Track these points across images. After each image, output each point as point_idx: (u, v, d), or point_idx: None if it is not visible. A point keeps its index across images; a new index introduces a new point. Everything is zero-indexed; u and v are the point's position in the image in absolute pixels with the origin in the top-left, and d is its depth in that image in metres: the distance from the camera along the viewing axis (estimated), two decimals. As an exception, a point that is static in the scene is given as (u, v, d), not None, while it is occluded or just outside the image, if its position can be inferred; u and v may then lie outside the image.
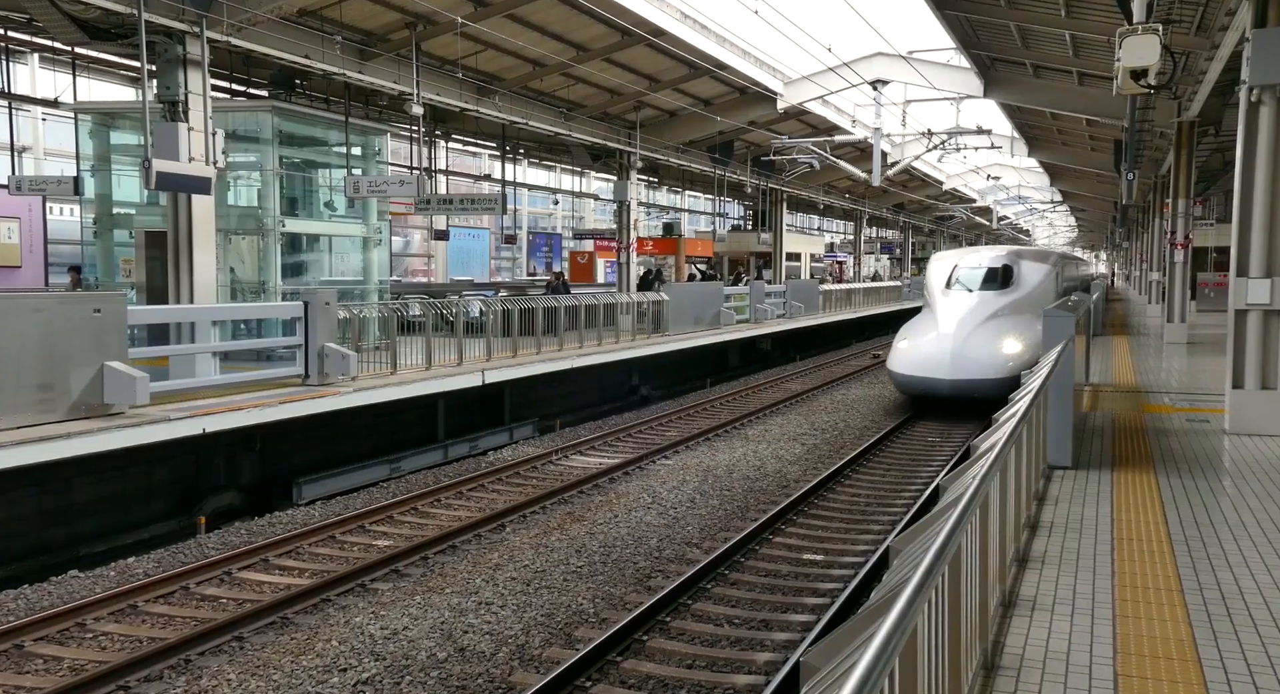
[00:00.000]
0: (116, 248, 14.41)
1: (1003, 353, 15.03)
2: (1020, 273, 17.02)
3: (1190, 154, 18.73)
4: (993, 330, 15.57)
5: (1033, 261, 17.80)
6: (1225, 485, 7.06)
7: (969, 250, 19.31)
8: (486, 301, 15.20)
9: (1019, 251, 18.50)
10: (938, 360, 15.23)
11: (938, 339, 15.66)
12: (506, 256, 36.00)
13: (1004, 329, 15.63)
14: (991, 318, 15.92)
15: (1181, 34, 14.05)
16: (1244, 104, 9.04)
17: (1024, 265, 17.27)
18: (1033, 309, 15.73)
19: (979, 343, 15.24)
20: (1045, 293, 16.98)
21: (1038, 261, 18.02)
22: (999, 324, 15.76)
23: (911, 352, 15.98)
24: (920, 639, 2.45)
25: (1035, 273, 17.27)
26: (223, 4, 12.20)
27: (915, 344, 16.12)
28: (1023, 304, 16.32)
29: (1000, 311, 16.12)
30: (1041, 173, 42.20)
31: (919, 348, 15.89)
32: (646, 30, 18.10)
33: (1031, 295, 16.65)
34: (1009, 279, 16.89)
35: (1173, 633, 4.22)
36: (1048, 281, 17.40)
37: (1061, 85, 21.42)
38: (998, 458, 3.87)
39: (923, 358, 15.57)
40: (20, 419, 8.36)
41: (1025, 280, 16.95)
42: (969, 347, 15.19)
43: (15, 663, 6.62)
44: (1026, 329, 15.26)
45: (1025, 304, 16.30)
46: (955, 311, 16.31)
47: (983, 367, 14.82)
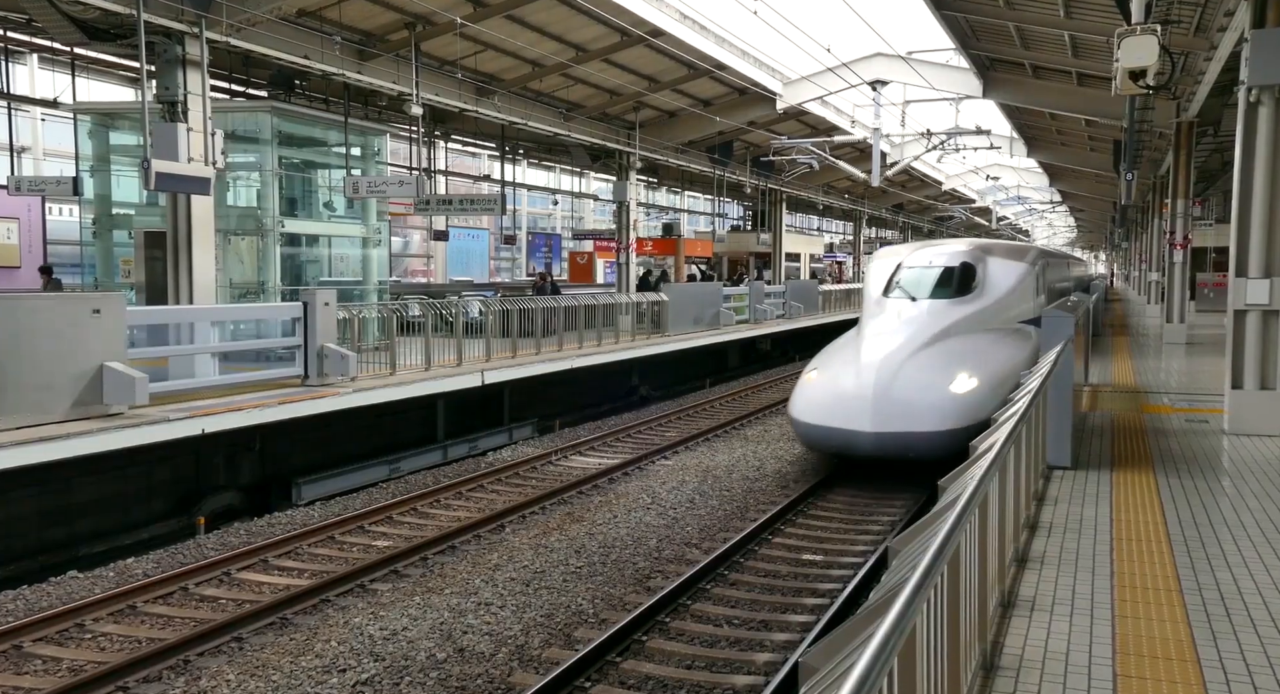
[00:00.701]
0: (116, 248, 14.41)
1: (952, 392, 10.52)
2: (986, 274, 12.75)
3: (1189, 154, 18.73)
4: (941, 357, 11.12)
5: (1005, 259, 13.40)
6: (1224, 486, 7.06)
7: (922, 244, 14.44)
8: (486, 302, 15.20)
9: (987, 246, 13.89)
10: (855, 404, 10.49)
11: (858, 372, 10.91)
12: (506, 257, 36.02)
13: (958, 355, 11.19)
14: (941, 338, 11.54)
15: (1180, 34, 14.05)
16: (1243, 104, 9.04)
17: (992, 264, 12.95)
18: (1004, 323, 12.47)
19: (919, 377, 10.73)
20: (1021, 301, 13.18)
21: (1011, 259, 13.58)
22: (951, 348, 11.38)
23: (820, 390, 11.12)
24: (919, 639, 2.45)
25: (1007, 274, 13.02)
26: (222, 4, 12.20)
27: (828, 379, 11.29)
28: (989, 316, 12.33)
29: (955, 328, 11.78)
30: (1041, 173, 42.22)
31: (832, 384, 11.09)
32: (645, 31, 18.10)
33: (1001, 305, 12.66)
34: (969, 282, 12.55)
35: (1172, 633, 4.22)
36: (1024, 286, 13.33)
37: (1061, 86, 21.42)
38: (997, 458, 3.87)
39: (834, 400, 10.77)
40: (20, 419, 8.35)
41: (993, 284, 12.70)
42: (903, 383, 10.62)
43: (14, 664, 6.62)
44: (993, 353, 11.51)
45: (993, 316, 12.39)
46: (889, 330, 11.75)
47: (922, 413, 10.30)
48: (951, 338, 11.60)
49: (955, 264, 12.75)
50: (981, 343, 11.69)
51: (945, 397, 10.47)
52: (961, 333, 11.75)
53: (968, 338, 11.71)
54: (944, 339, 11.52)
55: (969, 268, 12.74)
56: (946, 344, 11.45)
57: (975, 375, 10.78)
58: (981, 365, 11.04)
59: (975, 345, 11.56)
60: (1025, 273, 13.48)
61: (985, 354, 11.41)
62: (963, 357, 11.16)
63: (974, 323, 12.09)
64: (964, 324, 11.94)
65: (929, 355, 11.15)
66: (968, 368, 10.91)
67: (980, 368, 10.96)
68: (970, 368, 10.92)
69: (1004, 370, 10.93)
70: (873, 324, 12.18)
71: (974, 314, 12.21)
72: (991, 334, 12.07)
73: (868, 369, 10.87)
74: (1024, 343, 12.13)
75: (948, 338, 11.57)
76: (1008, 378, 10.44)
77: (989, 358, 11.34)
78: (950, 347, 11.40)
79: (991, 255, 13.23)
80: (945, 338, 11.55)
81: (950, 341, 11.52)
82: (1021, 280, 13.27)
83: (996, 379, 10.75)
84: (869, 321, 12.37)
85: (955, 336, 11.64)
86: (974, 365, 10.99)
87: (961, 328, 11.84)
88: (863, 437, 10.35)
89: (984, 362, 11.17)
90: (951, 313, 12.05)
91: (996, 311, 12.52)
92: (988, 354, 11.44)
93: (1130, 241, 44.98)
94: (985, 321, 12.23)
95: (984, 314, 12.32)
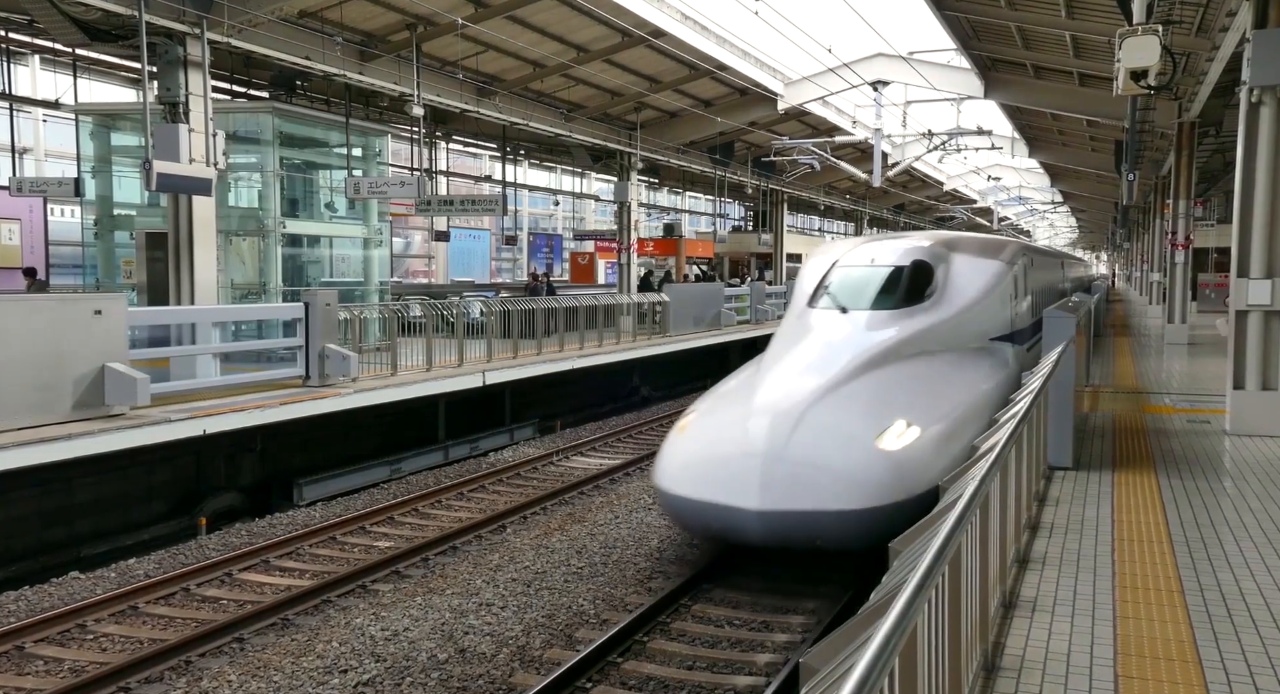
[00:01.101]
0: (117, 249, 14.43)
1: (881, 450, 7.27)
2: (948, 276, 9.70)
3: (1191, 155, 18.72)
4: (871, 395, 7.92)
5: (973, 257, 10.26)
6: (1226, 486, 7.05)
7: (868, 238, 11.22)
8: (487, 303, 15.21)
9: (952, 241, 10.66)
10: (738, 469, 7.24)
11: (747, 420, 7.65)
12: (507, 258, 36.02)
13: (898, 391, 8.06)
14: (876, 366, 8.33)
15: (1182, 35, 14.05)
16: (1244, 105, 9.04)
17: (957, 263, 9.91)
18: (970, 341, 9.53)
19: (834, 427, 7.48)
20: (993, 311, 10.06)
21: (982, 256, 10.42)
22: (889, 380, 8.20)
23: (693, 447, 7.79)
24: (920, 640, 2.45)
25: (975, 276, 9.94)
26: (223, 5, 12.21)
27: (705, 430, 7.95)
28: (949, 333, 9.32)
29: (898, 350, 8.69)
30: (1042, 173, 42.20)
31: (708, 439, 7.79)
32: (646, 31, 18.10)
33: (966, 316, 9.57)
34: (923, 287, 9.48)
35: (1173, 634, 4.22)
36: (999, 291, 10.18)
37: (1062, 86, 21.41)
38: (998, 458, 3.87)
39: (710, 462, 7.50)
40: (21, 420, 8.36)
41: (956, 289, 9.63)
42: (809, 437, 7.34)
43: (16, 664, 6.62)
44: (949, 385, 8.56)
45: (954, 332, 9.38)
46: (805, 356, 8.67)
47: (833, 483, 7.05)
48: (892, 365, 8.42)
49: (905, 263, 9.59)
50: (934, 371, 8.63)
51: (869, 456, 7.18)
52: (908, 356, 8.67)
53: (915, 364, 8.59)
54: (880, 367, 8.32)
55: (923, 268, 9.58)
56: (883, 375, 8.22)
57: (919, 421, 7.57)
58: (930, 406, 7.92)
59: (924, 375, 8.46)
60: (999, 274, 10.27)
61: (938, 388, 8.36)
62: (904, 393, 8.02)
63: (926, 342, 8.97)
64: (912, 344, 8.82)
65: (854, 393, 7.90)
66: (909, 410, 7.68)
67: (928, 410, 7.82)
68: (913, 410, 7.70)
69: (964, 410, 8.08)
70: (784, 347, 8.92)
71: (927, 330, 9.05)
72: (950, 358, 9.02)
73: (760, 415, 7.57)
74: (995, 369, 9.41)
75: (886, 365, 8.39)
76: (969, 420, 7.82)
77: (942, 393, 8.29)
78: (888, 378, 8.19)
79: (956, 252, 10.14)
80: (882, 365, 8.36)
81: (889, 371, 8.31)
82: (994, 284, 10.06)
83: (951, 425, 7.77)
84: (780, 343, 9.08)
85: (897, 363, 8.50)
86: (919, 406, 7.82)
87: (908, 349, 8.74)
88: (746, 517, 6.96)
89: (934, 400, 8.09)
90: (895, 329, 8.89)
91: (959, 326, 9.42)
92: (941, 387, 8.41)
93: (1131, 242, 44.97)
94: (943, 339, 9.16)
95: (941, 329, 9.20)
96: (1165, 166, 23.81)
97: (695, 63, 20.72)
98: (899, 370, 8.42)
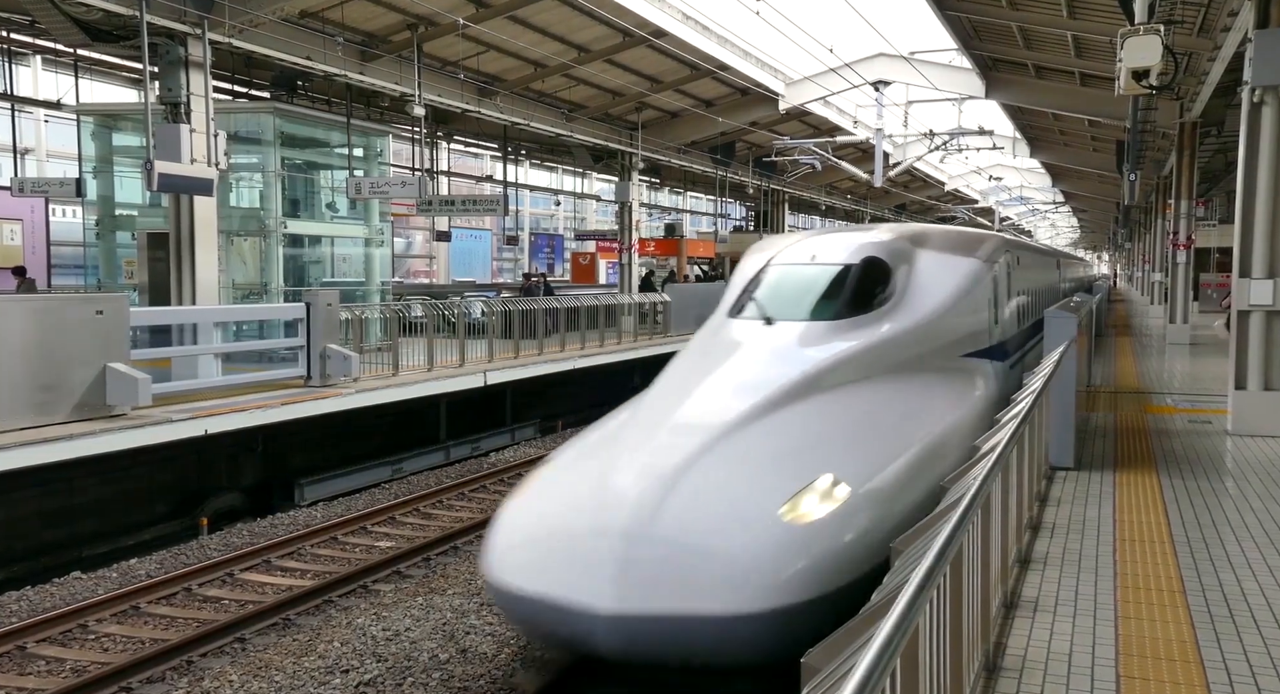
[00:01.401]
0: (119, 249, 14.44)
1: (794, 524, 5.10)
2: (910, 278, 7.74)
3: (1192, 155, 18.72)
4: (787, 442, 5.85)
5: (942, 254, 8.29)
6: (1228, 486, 7.05)
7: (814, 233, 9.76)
8: (488, 303, 15.21)
9: (917, 235, 8.62)
10: (586, 554, 5.03)
11: (607, 477, 5.51)
12: (509, 258, 36.03)
13: (824, 432, 6.06)
14: (798, 398, 6.24)
15: (1184, 35, 14.04)
16: (1246, 105, 9.03)
17: (922, 262, 7.94)
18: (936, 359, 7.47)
19: (726, 492, 5.29)
20: (967, 320, 8.08)
21: (953, 253, 8.44)
22: (814, 417, 6.13)
23: (531, 518, 5.58)
24: (922, 640, 2.45)
25: (944, 277, 7.95)
26: (224, 6, 12.22)
27: (554, 491, 5.75)
28: (907, 348, 7.29)
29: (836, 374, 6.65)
30: (1043, 173, 42.20)
31: (554, 507, 5.55)
32: (648, 31, 18.11)
33: (931, 327, 7.56)
34: (875, 292, 7.50)
35: (1175, 634, 4.21)
36: (974, 295, 8.25)
37: (1063, 86, 21.41)
38: (999, 458, 3.87)
39: (551, 542, 5.30)
40: (23, 420, 8.36)
41: (918, 294, 7.65)
42: (688, 506, 5.17)
43: (18, 664, 6.63)
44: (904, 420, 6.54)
45: (913, 348, 7.34)
46: (706, 384, 6.56)
47: (720, 572, 4.87)
48: (824, 395, 6.27)
49: (854, 261, 7.54)
50: (882, 401, 6.52)
51: (772, 533, 5.03)
52: (849, 382, 6.53)
53: (857, 393, 6.45)
54: (807, 398, 6.16)
55: (877, 268, 7.58)
56: (809, 410, 6.07)
57: (852, 475, 5.44)
58: (870, 451, 5.85)
59: (868, 408, 6.37)
60: (975, 275, 8.30)
61: (885, 425, 6.28)
62: (836, 435, 5.97)
63: (877, 361, 6.91)
64: (856, 364, 6.74)
65: (764, 437, 5.72)
66: (839, 460, 5.58)
67: (867, 457, 5.76)
68: (845, 459, 5.61)
69: (918, 455, 6.01)
70: (682, 373, 6.74)
71: (878, 346, 7.00)
72: (907, 382, 6.93)
73: (623, 473, 5.43)
74: (967, 394, 7.49)
75: (817, 395, 6.23)
76: (925, 466, 5.88)
77: (891, 432, 6.21)
78: (816, 415, 6.06)
79: (922, 247, 8.15)
80: (811, 395, 6.20)
81: (819, 403, 6.17)
82: (969, 286, 8.12)
83: (899, 477, 5.72)
84: (678, 367, 6.90)
85: (833, 392, 6.35)
86: (855, 453, 5.77)
87: (850, 372, 6.65)
88: (595, 623, 4.79)
89: (877, 442, 6.00)
90: (835, 345, 6.78)
91: (922, 339, 7.39)
92: (890, 424, 6.32)
93: (1133, 242, 44.94)
94: (900, 357, 7.12)
95: (898, 345, 7.17)
96: (1167, 166, 23.79)
97: (696, 63, 20.72)
98: (833, 402, 6.23)
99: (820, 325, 7.07)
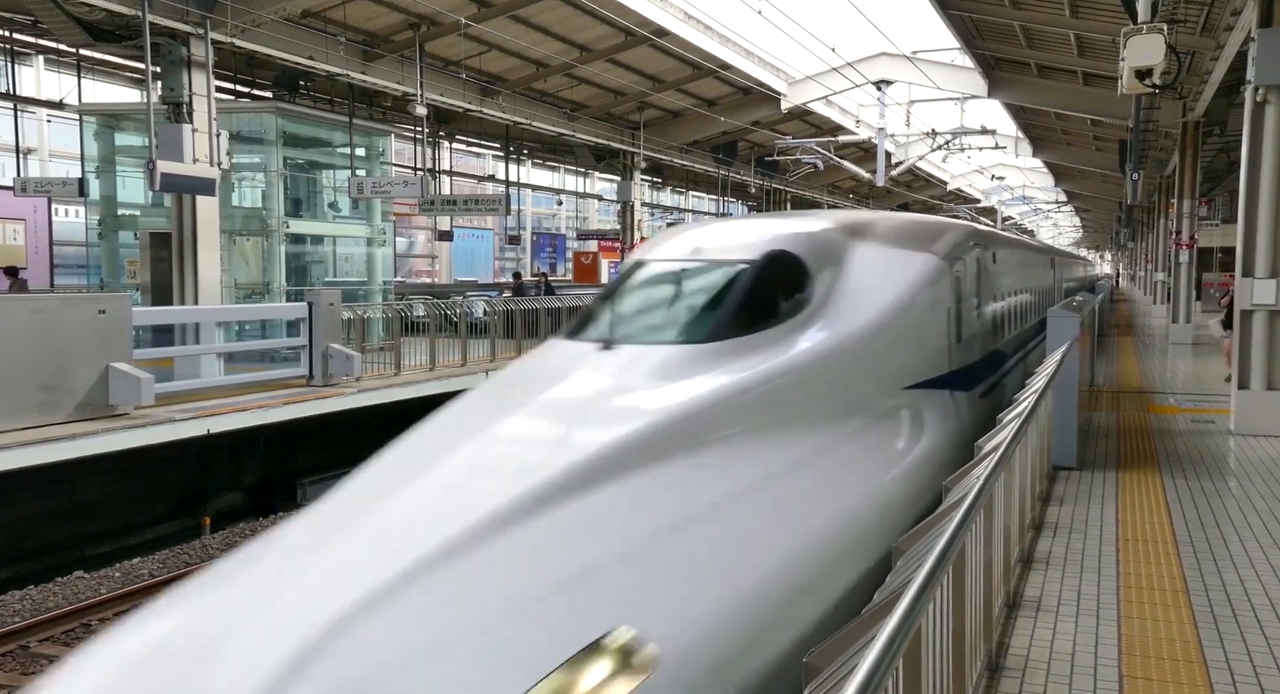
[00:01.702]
0: (121, 249, 14.45)
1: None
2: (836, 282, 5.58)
3: (1195, 154, 18.69)
4: (558, 564, 3.22)
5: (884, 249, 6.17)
6: (1231, 486, 7.03)
7: (711, 222, 7.28)
8: (490, 302, 15.21)
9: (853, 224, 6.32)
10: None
11: (207, 644, 2.66)
12: (511, 257, 36.03)
13: (649, 541, 3.49)
14: (609, 475, 3.72)
15: (1187, 34, 14.02)
16: (1249, 104, 9.02)
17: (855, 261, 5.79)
18: (867, 397, 5.47)
19: (435, 677, 2.66)
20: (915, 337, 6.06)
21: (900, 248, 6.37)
22: (629, 515, 3.60)
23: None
24: (924, 640, 2.44)
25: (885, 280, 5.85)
26: (226, 5, 12.22)
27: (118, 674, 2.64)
28: (821, 384, 5.12)
29: (688, 432, 4.20)
30: (1046, 173, 42.17)
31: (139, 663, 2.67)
32: (650, 31, 18.11)
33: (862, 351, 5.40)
34: (779, 302, 5.29)
35: (1178, 634, 4.21)
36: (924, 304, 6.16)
37: (1066, 85, 21.39)
38: (1002, 458, 3.86)
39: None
40: (26, 420, 8.37)
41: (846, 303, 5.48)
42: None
43: (21, 664, 6.63)
44: (793, 499, 4.26)
45: (832, 383, 5.20)
46: (457, 464, 3.85)
47: None
48: (656, 469, 3.94)
49: (754, 257, 5.39)
50: (754, 476, 4.29)
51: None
52: (712, 440, 4.32)
53: (714, 464, 4.20)
54: (624, 476, 3.81)
55: (787, 267, 5.47)
56: (619, 497, 3.71)
57: (670, 624, 3.13)
58: (709, 577, 3.55)
59: (725, 488, 4.11)
60: (927, 276, 6.23)
61: (746, 522, 4.00)
62: (650, 548, 3.52)
63: (766, 405, 4.79)
64: (729, 412, 4.57)
65: (521, 557, 3.24)
66: (646, 595, 3.28)
67: (698, 591, 3.45)
68: (656, 594, 3.33)
69: (806, 568, 3.96)
70: (436, 431, 4.26)
71: (770, 381, 4.84)
72: (817, 432, 4.87)
73: (239, 637, 2.71)
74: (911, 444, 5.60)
75: (642, 469, 3.90)
76: (814, 587, 3.95)
77: (757, 535, 3.95)
78: (625, 509, 3.69)
79: (859, 240, 6.03)
80: (633, 470, 3.86)
81: (639, 486, 3.82)
82: (918, 291, 6.06)
83: (757, 622, 3.49)
84: (440, 420, 4.36)
85: (672, 461, 4.03)
86: (677, 581, 3.45)
87: (716, 424, 4.44)
88: None
89: (726, 559, 3.69)
90: (699, 380, 4.58)
91: (843, 367, 5.32)
92: (758, 520, 4.06)
93: (1136, 242, 44.90)
94: (811, 395, 5.07)
95: (803, 377, 5.04)
96: (1170, 166, 23.76)
97: (698, 62, 20.72)
98: (670, 481, 3.93)
99: (684, 351, 4.74)
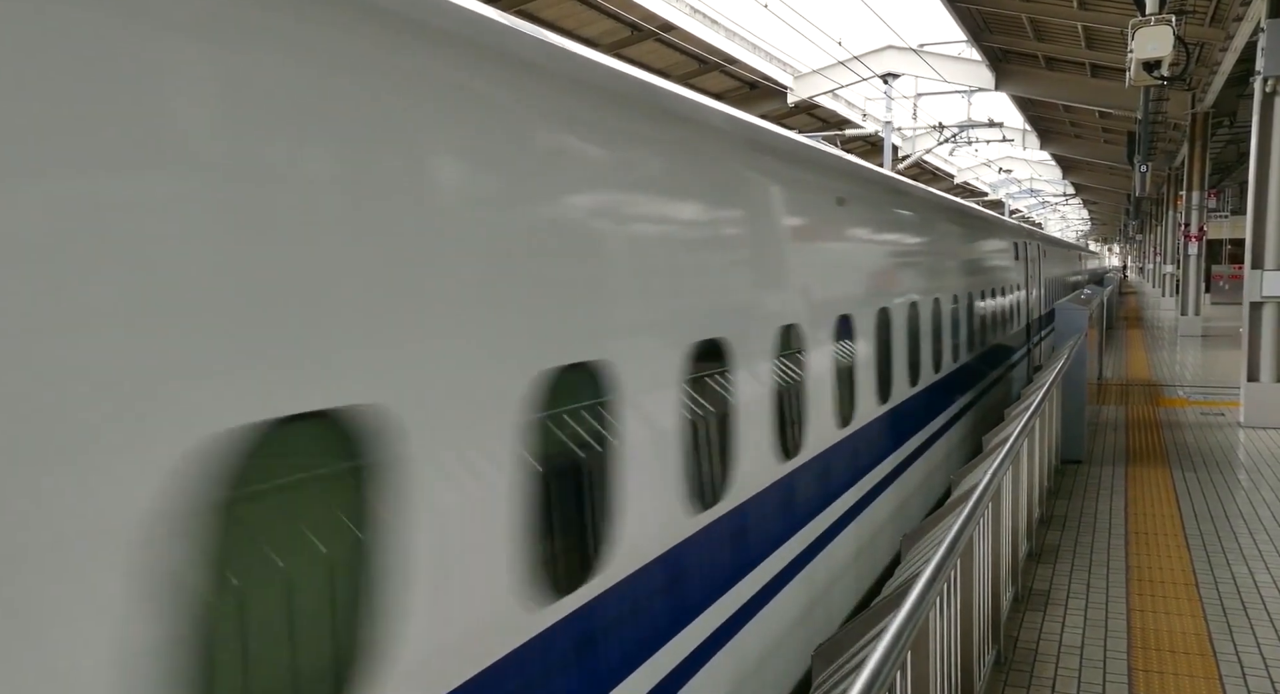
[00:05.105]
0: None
1: None
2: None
3: (1204, 146, 18.62)
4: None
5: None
6: (1240, 479, 7.02)
7: None
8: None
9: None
10: None
11: None
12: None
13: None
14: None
15: (1195, 25, 13.96)
16: (1259, 95, 8.98)
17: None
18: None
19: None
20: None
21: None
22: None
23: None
24: (932, 632, 2.45)
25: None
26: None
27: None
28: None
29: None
30: (1054, 166, 42.02)
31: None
32: (656, 25, 18.09)
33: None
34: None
35: (1188, 627, 4.21)
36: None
37: (1074, 77, 21.31)
38: (1010, 451, 3.86)
39: None
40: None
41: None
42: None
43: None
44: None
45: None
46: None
47: None
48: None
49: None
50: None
51: None
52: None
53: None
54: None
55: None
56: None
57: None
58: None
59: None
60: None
61: None
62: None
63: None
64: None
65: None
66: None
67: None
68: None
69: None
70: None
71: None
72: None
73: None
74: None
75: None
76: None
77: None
78: None
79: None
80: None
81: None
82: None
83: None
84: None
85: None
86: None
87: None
88: None
89: None
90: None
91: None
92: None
93: (1144, 234, 44.77)
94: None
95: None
96: (1178, 158, 23.69)
97: (704, 57, 20.69)
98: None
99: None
